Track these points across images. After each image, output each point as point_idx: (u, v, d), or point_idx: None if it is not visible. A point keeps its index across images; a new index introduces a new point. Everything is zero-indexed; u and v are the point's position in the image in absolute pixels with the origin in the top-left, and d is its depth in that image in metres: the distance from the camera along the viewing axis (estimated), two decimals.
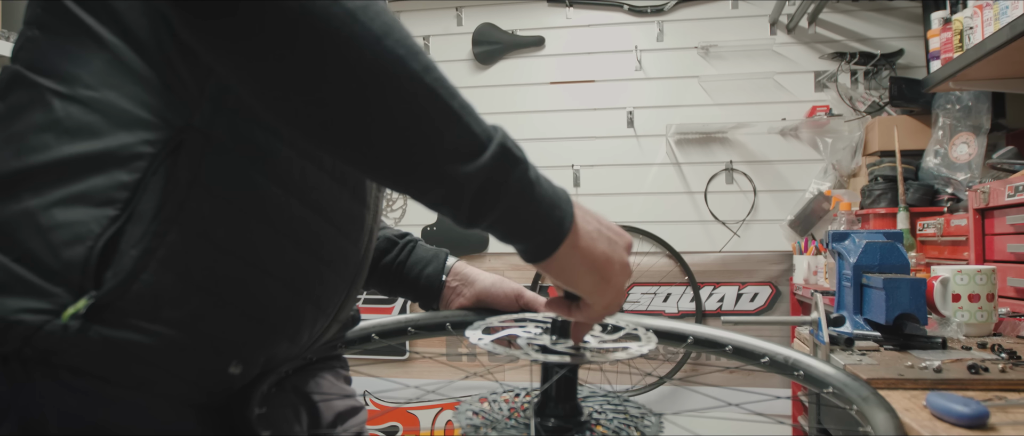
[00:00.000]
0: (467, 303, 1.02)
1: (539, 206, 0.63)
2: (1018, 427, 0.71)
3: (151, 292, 0.61)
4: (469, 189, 0.59)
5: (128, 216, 0.60)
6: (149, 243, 0.61)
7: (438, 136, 0.57)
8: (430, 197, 0.60)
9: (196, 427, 0.68)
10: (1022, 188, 1.61)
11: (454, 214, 0.61)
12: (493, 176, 0.59)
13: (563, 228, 0.64)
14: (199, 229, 0.63)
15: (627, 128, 3.08)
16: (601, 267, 0.68)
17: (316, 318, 0.76)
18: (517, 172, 0.61)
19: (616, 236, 0.71)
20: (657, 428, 0.75)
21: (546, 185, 0.64)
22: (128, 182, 0.61)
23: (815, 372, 0.84)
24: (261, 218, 0.68)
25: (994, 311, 1.28)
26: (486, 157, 0.58)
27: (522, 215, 0.62)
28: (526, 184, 0.61)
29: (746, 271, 3.01)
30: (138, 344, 0.61)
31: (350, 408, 0.96)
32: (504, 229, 0.63)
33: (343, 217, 0.76)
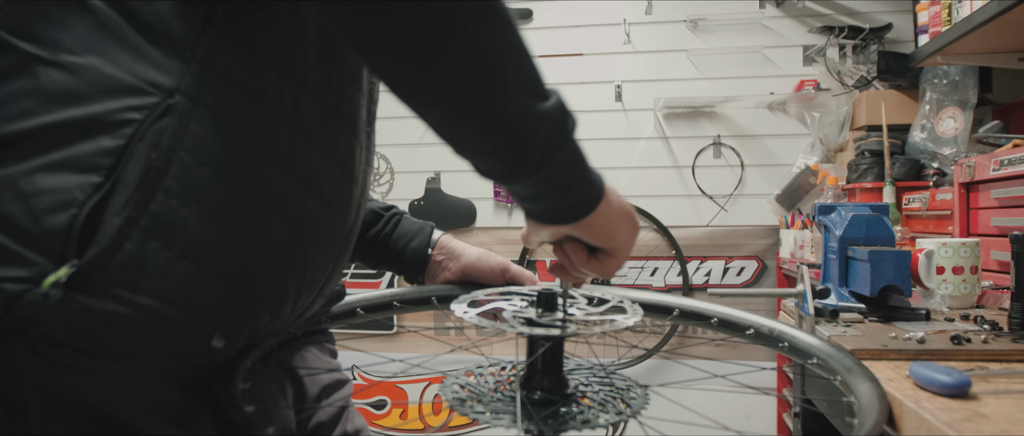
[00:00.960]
0: (453, 277, 1.01)
1: (585, 163, 0.64)
2: (999, 396, 0.72)
3: (134, 262, 0.60)
4: (543, 128, 0.58)
5: (113, 184, 0.59)
6: (132, 211, 0.60)
7: (523, 71, 0.57)
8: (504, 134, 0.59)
9: (179, 401, 0.68)
10: (1007, 162, 1.62)
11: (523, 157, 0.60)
12: (560, 120, 0.59)
13: (602, 181, 0.66)
14: (183, 198, 0.62)
15: (615, 102, 3.07)
16: (630, 217, 0.71)
17: (300, 292, 0.75)
18: (571, 121, 0.61)
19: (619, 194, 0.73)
20: (643, 400, 0.75)
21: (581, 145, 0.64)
22: (112, 148, 0.60)
23: (799, 343, 0.85)
24: (247, 189, 0.67)
25: (977, 284, 1.29)
26: (553, 101, 0.59)
27: (577, 165, 0.63)
28: (576, 137, 0.62)
29: (733, 245, 3.02)
30: (119, 315, 0.60)
31: (336, 381, 0.95)
32: (562, 180, 0.63)
33: (331, 191, 0.75)
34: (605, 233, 0.69)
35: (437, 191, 3.12)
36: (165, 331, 0.64)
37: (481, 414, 0.70)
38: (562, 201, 0.64)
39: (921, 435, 0.66)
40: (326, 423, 0.93)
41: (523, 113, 0.57)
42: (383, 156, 3.18)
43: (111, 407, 0.63)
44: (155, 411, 0.66)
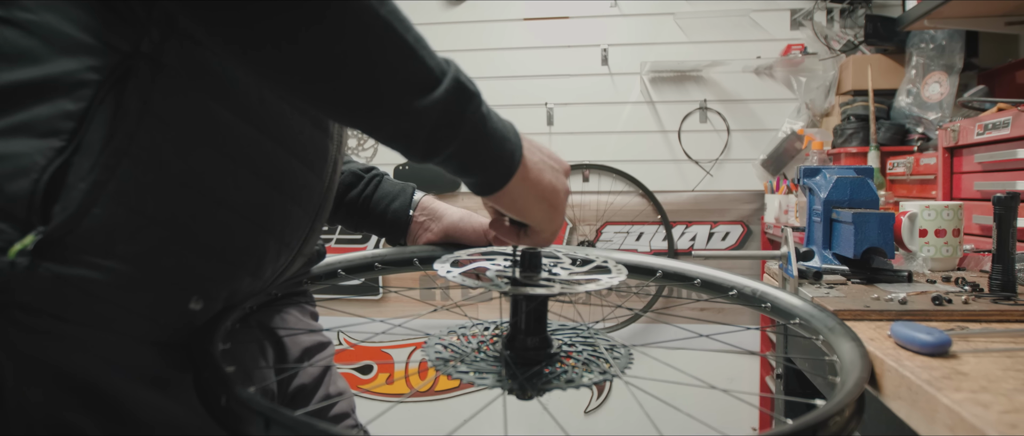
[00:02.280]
0: (435, 238, 1.01)
1: (491, 140, 0.63)
2: (978, 355, 0.72)
3: (103, 227, 0.58)
4: (426, 123, 0.58)
5: (75, 147, 0.58)
6: (98, 176, 0.58)
7: (395, 70, 0.56)
8: (386, 132, 0.59)
9: (157, 364, 0.67)
10: (991, 126, 1.62)
11: (409, 148, 0.60)
12: (449, 109, 0.59)
13: (514, 160, 0.66)
14: (152, 161, 0.60)
15: (601, 66, 3.04)
16: (549, 196, 0.70)
17: (279, 252, 0.74)
18: (472, 106, 0.60)
19: (558, 165, 0.73)
20: (627, 360, 0.75)
21: (496, 119, 0.64)
22: (73, 111, 0.58)
23: (782, 303, 0.85)
24: (219, 149, 0.65)
25: (959, 246, 1.30)
26: (441, 91, 0.58)
27: (477, 149, 0.62)
28: (480, 118, 0.61)
29: (718, 210, 3.03)
30: (91, 280, 0.59)
31: (317, 343, 0.95)
32: (459, 163, 0.63)
33: (306, 148, 0.74)
34: (517, 210, 0.70)
35: None
36: (140, 295, 0.63)
37: (464, 374, 0.69)
38: (467, 178, 0.65)
39: (902, 392, 0.67)
40: (308, 385, 0.92)
41: (401, 112, 0.57)
42: None
43: (88, 371, 0.62)
44: (133, 374, 0.65)
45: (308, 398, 0.92)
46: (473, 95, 0.60)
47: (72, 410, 0.62)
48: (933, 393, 0.60)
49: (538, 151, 0.70)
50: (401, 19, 0.56)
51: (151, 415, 0.67)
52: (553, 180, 0.70)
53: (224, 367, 0.59)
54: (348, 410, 0.98)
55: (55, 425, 0.61)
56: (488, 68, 3.07)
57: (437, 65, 0.58)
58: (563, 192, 0.72)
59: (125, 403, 0.65)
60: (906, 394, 0.66)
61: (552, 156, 0.73)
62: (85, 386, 0.62)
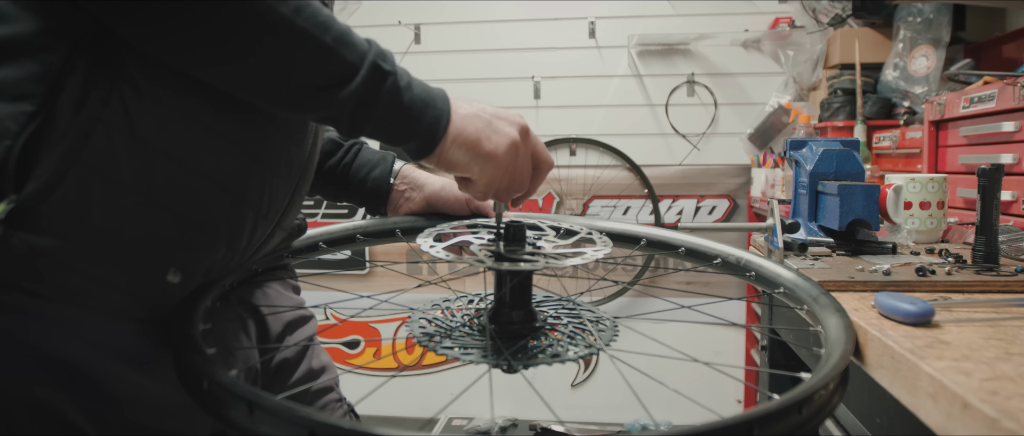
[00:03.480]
0: (417, 208, 0.99)
1: (409, 111, 0.67)
2: (961, 324, 0.72)
3: (77, 195, 0.57)
4: (346, 110, 0.63)
5: (47, 113, 0.56)
6: (72, 143, 0.57)
7: (314, 70, 0.61)
8: (313, 117, 0.68)
9: (137, 342, 0.66)
10: (977, 99, 1.62)
11: (338, 128, 0.66)
12: (367, 92, 0.63)
13: (439, 126, 0.69)
14: (126, 128, 0.59)
15: (589, 39, 3.02)
16: (473, 146, 0.71)
17: (257, 224, 0.73)
18: (387, 85, 0.64)
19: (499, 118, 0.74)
20: (612, 333, 0.75)
21: (419, 89, 0.68)
22: (42, 74, 0.56)
23: (767, 273, 0.85)
24: (194, 117, 0.64)
25: (943, 219, 1.30)
26: (359, 79, 0.62)
27: (397, 120, 0.67)
28: (394, 93, 0.65)
29: (705, 184, 3.03)
30: (65, 251, 0.58)
31: (299, 318, 0.94)
32: (384, 135, 0.68)
33: (285, 117, 0.72)
34: (455, 168, 0.73)
35: None
36: (116, 267, 0.62)
37: (449, 349, 0.69)
38: (400, 145, 0.69)
39: (884, 361, 0.67)
40: (291, 360, 0.92)
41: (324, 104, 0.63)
42: None
43: (64, 350, 0.61)
44: (111, 353, 0.64)
45: (290, 372, 0.91)
46: (388, 74, 0.65)
47: (48, 389, 0.61)
48: (916, 362, 0.61)
49: (474, 108, 0.72)
50: (319, 23, 0.60)
51: (130, 393, 0.66)
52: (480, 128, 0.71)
53: (205, 349, 0.58)
54: (331, 384, 0.97)
55: (30, 404, 0.60)
56: (474, 41, 3.04)
57: (357, 56, 0.63)
58: (496, 140, 0.72)
59: (103, 382, 0.64)
60: (889, 363, 0.66)
61: (496, 113, 0.74)
62: (62, 364, 0.61)
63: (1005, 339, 0.67)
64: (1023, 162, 1.47)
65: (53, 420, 0.61)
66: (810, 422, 0.52)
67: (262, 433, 0.49)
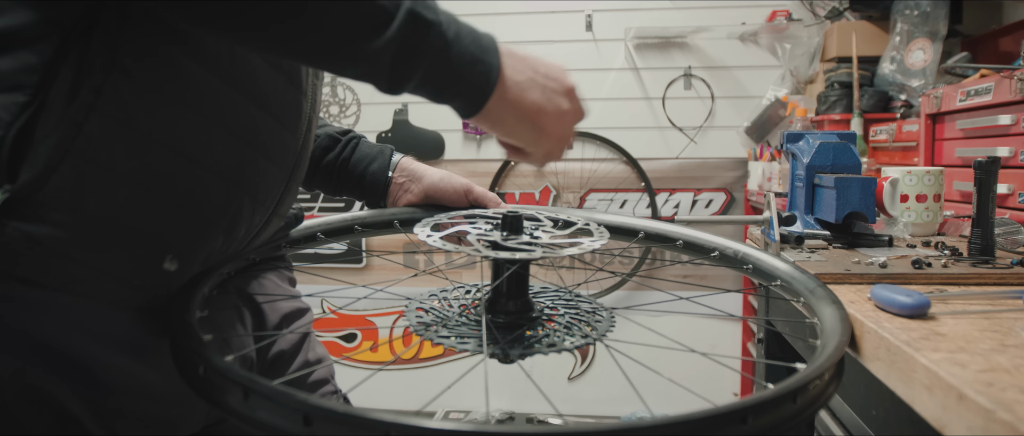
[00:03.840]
0: (415, 200, 0.99)
1: (459, 65, 0.61)
2: (957, 316, 0.72)
3: (72, 184, 0.57)
4: (383, 63, 0.58)
5: (40, 103, 0.56)
6: (65, 131, 0.57)
7: (343, 16, 0.56)
8: (350, 73, 0.60)
9: (133, 330, 0.66)
10: (974, 92, 1.62)
11: (376, 85, 0.60)
12: (405, 45, 0.58)
13: (489, 83, 0.63)
14: (120, 116, 0.59)
15: (585, 32, 3.01)
16: (533, 117, 0.67)
17: (254, 211, 0.73)
18: (431, 35, 0.59)
19: (555, 84, 0.69)
20: (608, 324, 0.75)
21: (468, 40, 0.62)
22: (36, 64, 0.56)
23: (764, 265, 0.85)
24: (189, 104, 0.63)
25: (940, 212, 1.31)
26: (395, 27, 0.57)
27: (442, 76, 0.61)
28: (441, 46, 0.60)
29: (702, 177, 3.03)
30: (61, 240, 0.58)
31: (296, 309, 0.94)
32: (428, 91, 0.62)
33: (279, 104, 0.72)
34: (500, 131, 0.68)
35: (405, 123, 3.06)
36: (112, 255, 0.61)
37: (446, 339, 0.69)
38: (445, 102, 0.64)
39: (880, 353, 0.67)
40: (287, 352, 0.92)
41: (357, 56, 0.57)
42: (349, 87, 3.10)
43: (61, 339, 0.61)
44: (108, 341, 0.64)
45: (287, 364, 0.91)
46: (431, 24, 0.59)
47: (43, 376, 0.61)
48: (911, 353, 0.61)
49: (529, 70, 0.67)
50: None
51: (126, 381, 0.66)
52: (539, 100, 0.67)
53: (201, 335, 0.58)
54: (327, 376, 0.97)
55: (25, 391, 0.60)
56: None
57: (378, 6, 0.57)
58: (553, 113, 0.69)
59: (98, 370, 0.64)
60: (885, 355, 0.66)
61: (549, 75, 0.69)
62: (57, 352, 0.61)
63: (1000, 331, 0.67)
64: (1019, 155, 1.48)
65: (48, 407, 0.61)
66: (804, 412, 0.53)
67: (257, 418, 0.49)
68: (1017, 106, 1.49)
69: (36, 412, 0.61)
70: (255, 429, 0.49)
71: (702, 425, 0.46)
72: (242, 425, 0.50)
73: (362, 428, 0.45)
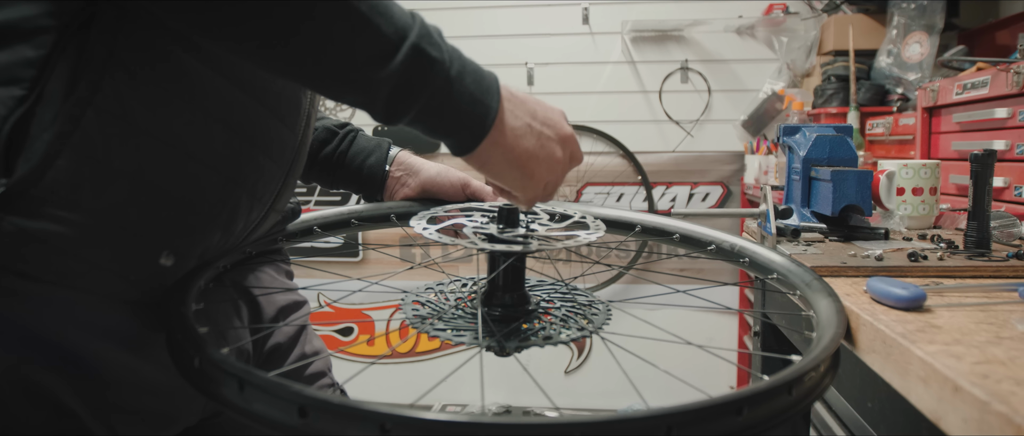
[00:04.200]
0: (412, 193, 0.99)
1: (458, 105, 0.60)
2: (952, 309, 0.73)
3: (68, 179, 0.57)
4: (381, 93, 0.57)
5: (37, 97, 0.56)
6: (61, 126, 0.56)
7: (344, 42, 0.55)
8: (347, 100, 0.59)
9: (129, 324, 0.66)
10: (970, 85, 1.62)
11: (371, 114, 0.60)
12: (407, 78, 0.57)
13: (484, 126, 0.63)
14: (117, 111, 0.59)
15: (582, 25, 3.01)
16: (523, 163, 0.66)
17: (251, 207, 0.73)
18: (434, 71, 0.58)
19: (550, 130, 0.69)
20: (605, 317, 0.75)
21: (470, 81, 0.61)
22: (34, 58, 0.56)
23: (760, 259, 0.85)
24: (187, 99, 0.63)
25: (936, 205, 1.31)
26: (397, 61, 0.56)
27: (439, 114, 0.60)
28: (443, 83, 0.59)
29: (698, 171, 3.03)
30: (57, 234, 0.58)
31: (292, 302, 0.94)
32: (423, 127, 0.61)
33: (278, 100, 0.72)
34: (490, 172, 0.67)
35: None
36: (108, 250, 0.61)
37: (442, 331, 0.69)
38: (439, 138, 0.63)
39: (876, 346, 0.67)
40: (283, 344, 0.91)
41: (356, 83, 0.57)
42: None
43: (56, 332, 0.61)
44: (104, 335, 0.64)
45: (283, 357, 0.91)
46: (435, 62, 0.58)
47: (39, 369, 0.61)
48: (907, 346, 0.61)
49: (528, 115, 0.67)
50: None
51: (122, 374, 0.66)
52: (532, 147, 0.67)
53: (197, 328, 0.58)
54: (324, 369, 0.97)
55: (21, 384, 0.60)
56: (467, 27, 3.02)
57: (396, 31, 0.56)
58: (545, 161, 0.68)
59: (94, 363, 0.64)
60: (880, 347, 0.66)
61: (547, 121, 0.69)
62: (53, 345, 0.61)
63: (996, 323, 0.67)
64: (1016, 148, 1.48)
65: (44, 401, 0.61)
66: (800, 403, 0.53)
67: (253, 410, 0.49)
68: (1013, 99, 1.49)
69: (33, 406, 0.61)
70: (251, 421, 0.49)
71: (698, 416, 0.46)
72: (238, 417, 0.50)
73: (357, 419, 0.45)
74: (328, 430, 0.46)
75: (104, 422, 0.65)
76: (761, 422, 0.49)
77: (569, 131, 0.71)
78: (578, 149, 0.73)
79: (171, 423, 0.73)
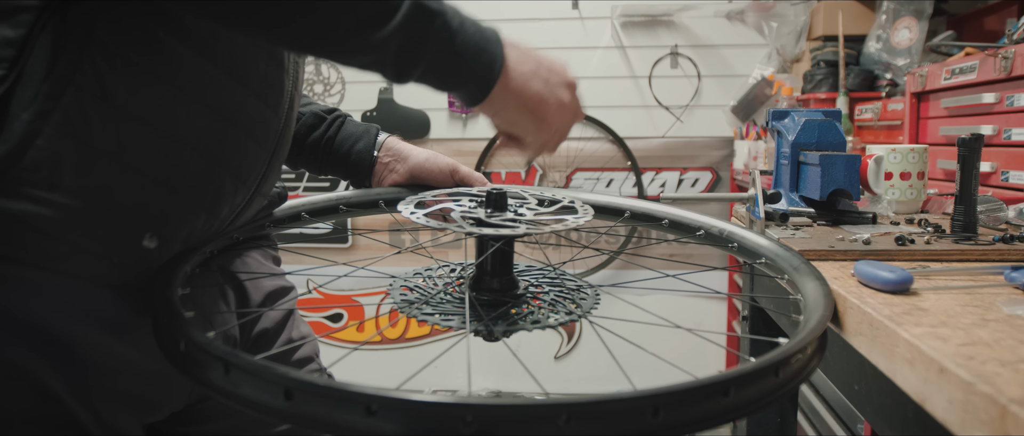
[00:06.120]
0: (401, 179, 0.99)
1: (463, 55, 0.62)
2: (938, 292, 0.73)
3: (48, 159, 0.57)
4: (388, 52, 0.58)
5: (17, 76, 0.56)
6: (41, 105, 0.56)
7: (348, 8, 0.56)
8: (355, 63, 0.60)
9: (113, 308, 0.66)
10: (958, 71, 1.63)
11: (383, 74, 0.61)
12: (410, 35, 0.58)
13: (492, 73, 0.64)
14: (98, 91, 0.58)
15: (571, 10, 2.99)
16: (534, 107, 0.68)
17: (236, 189, 0.72)
18: (435, 25, 0.60)
19: (555, 76, 0.70)
20: (593, 301, 0.75)
21: (472, 31, 0.63)
22: (13, 38, 0.56)
23: (749, 243, 0.85)
24: (167, 80, 0.63)
25: (923, 189, 1.31)
26: (398, 19, 0.57)
27: (447, 66, 0.62)
28: (446, 36, 0.60)
29: (688, 156, 3.03)
30: (37, 215, 0.57)
31: (280, 288, 0.93)
32: (433, 80, 0.63)
33: (260, 81, 0.71)
34: (502, 120, 0.70)
35: (390, 101, 3.04)
36: (89, 231, 0.61)
37: (430, 316, 0.69)
38: (451, 91, 0.65)
39: (863, 328, 0.67)
40: (270, 330, 0.91)
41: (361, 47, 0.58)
42: (333, 65, 3.07)
43: (40, 316, 0.61)
44: (88, 319, 0.64)
45: (270, 343, 0.91)
46: (435, 14, 0.59)
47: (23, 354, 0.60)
48: (894, 328, 0.61)
49: (533, 62, 0.68)
50: None
51: (107, 360, 0.66)
52: (541, 91, 0.68)
53: (183, 312, 0.58)
54: (312, 354, 0.97)
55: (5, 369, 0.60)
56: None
57: None
58: (554, 104, 0.70)
59: (79, 348, 0.63)
60: (867, 330, 0.67)
61: (552, 68, 0.70)
62: (38, 330, 0.61)
63: (982, 306, 0.68)
64: (1003, 133, 1.49)
65: (29, 385, 0.61)
66: (787, 385, 0.53)
67: (239, 393, 0.49)
68: (1001, 84, 1.49)
69: (16, 390, 0.60)
70: (237, 404, 0.49)
71: (684, 397, 0.46)
72: (224, 400, 0.50)
73: (343, 401, 0.45)
74: (314, 412, 0.45)
75: (89, 406, 0.64)
76: (748, 403, 0.49)
77: (573, 78, 0.73)
78: (579, 101, 0.75)
79: (157, 408, 0.73)
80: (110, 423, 0.66)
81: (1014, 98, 1.45)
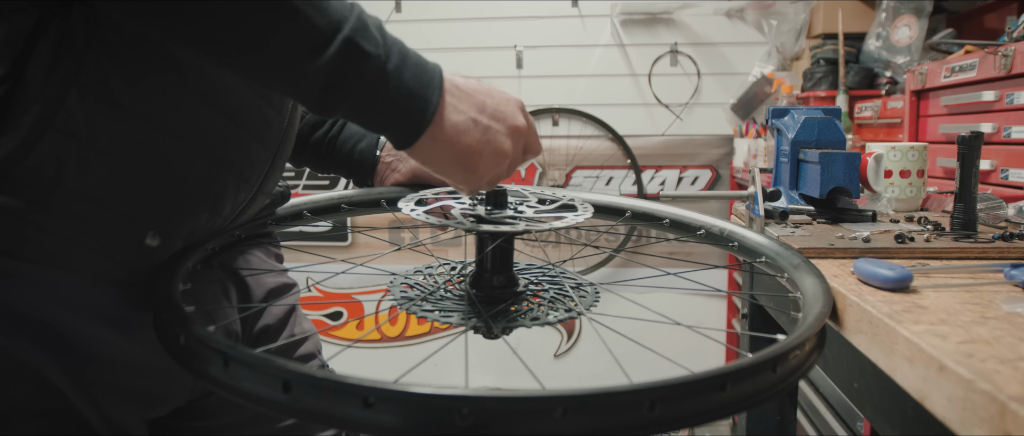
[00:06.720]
0: (403, 179, 0.99)
1: (394, 99, 0.58)
2: (938, 290, 0.73)
3: (51, 158, 0.57)
4: (314, 85, 0.55)
5: (18, 77, 0.56)
6: (45, 106, 0.56)
7: (273, 33, 0.53)
8: (279, 91, 0.58)
9: (115, 304, 0.66)
10: (958, 68, 1.63)
11: (305, 106, 0.58)
12: (339, 71, 0.55)
13: (422, 121, 0.60)
14: (101, 90, 0.58)
15: (572, 8, 2.99)
16: (464, 159, 0.64)
17: (238, 188, 0.72)
18: (368, 65, 0.56)
19: (499, 124, 0.66)
20: (593, 298, 0.75)
21: (410, 75, 0.59)
22: (14, 37, 0.56)
23: (749, 242, 0.85)
24: (171, 79, 0.63)
25: (923, 187, 1.31)
26: (329, 54, 0.54)
27: (374, 108, 0.58)
28: (378, 77, 0.57)
29: (687, 154, 3.03)
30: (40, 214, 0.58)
31: (282, 284, 0.93)
32: (359, 120, 0.60)
33: None
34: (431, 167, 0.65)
35: None
36: (92, 230, 0.61)
37: (429, 312, 0.69)
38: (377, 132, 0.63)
39: (862, 326, 0.68)
40: (273, 326, 0.91)
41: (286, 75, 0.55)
42: None
43: (43, 311, 0.61)
44: (91, 314, 0.64)
45: (272, 339, 0.91)
46: (369, 55, 0.56)
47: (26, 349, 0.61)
48: (893, 326, 0.61)
49: (471, 109, 0.63)
50: None
51: (109, 355, 0.66)
52: (474, 143, 0.64)
53: (184, 306, 0.58)
54: (314, 351, 0.97)
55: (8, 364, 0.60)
56: (456, 10, 3.00)
57: (330, 24, 0.54)
58: (489, 154, 0.65)
59: (81, 343, 0.64)
60: (867, 328, 0.67)
61: (496, 114, 0.65)
62: (40, 325, 0.61)
63: (981, 304, 0.68)
64: (1002, 131, 1.49)
65: (31, 380, 0.61)
66: (785, 381, 0.53)
67: (238, 386, 0.49)
68: (1001, 82, 1.49)
69: (19, 385, 0.61)
70: (236, 397, 0.49)
71: (681, 391, 0.46)
72: (223, 393, 0.50)
73: (340, 393, 0.45)
74: (312, 405, 0.46)
75: (91, 401, 0.65)
76: (745, 398, 0.49)
77: (522, 123, 0.67)
78: (535, 140, 0.71)
79: (159, 403, 0.73)
80: (113, 418, 0.66)
81: (1014, 96, 1.45)
